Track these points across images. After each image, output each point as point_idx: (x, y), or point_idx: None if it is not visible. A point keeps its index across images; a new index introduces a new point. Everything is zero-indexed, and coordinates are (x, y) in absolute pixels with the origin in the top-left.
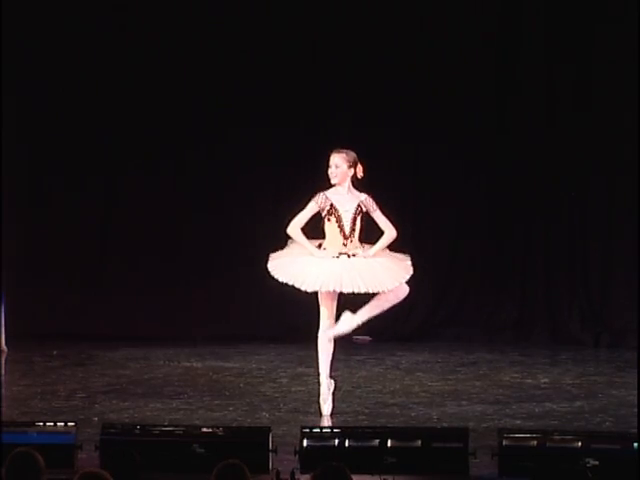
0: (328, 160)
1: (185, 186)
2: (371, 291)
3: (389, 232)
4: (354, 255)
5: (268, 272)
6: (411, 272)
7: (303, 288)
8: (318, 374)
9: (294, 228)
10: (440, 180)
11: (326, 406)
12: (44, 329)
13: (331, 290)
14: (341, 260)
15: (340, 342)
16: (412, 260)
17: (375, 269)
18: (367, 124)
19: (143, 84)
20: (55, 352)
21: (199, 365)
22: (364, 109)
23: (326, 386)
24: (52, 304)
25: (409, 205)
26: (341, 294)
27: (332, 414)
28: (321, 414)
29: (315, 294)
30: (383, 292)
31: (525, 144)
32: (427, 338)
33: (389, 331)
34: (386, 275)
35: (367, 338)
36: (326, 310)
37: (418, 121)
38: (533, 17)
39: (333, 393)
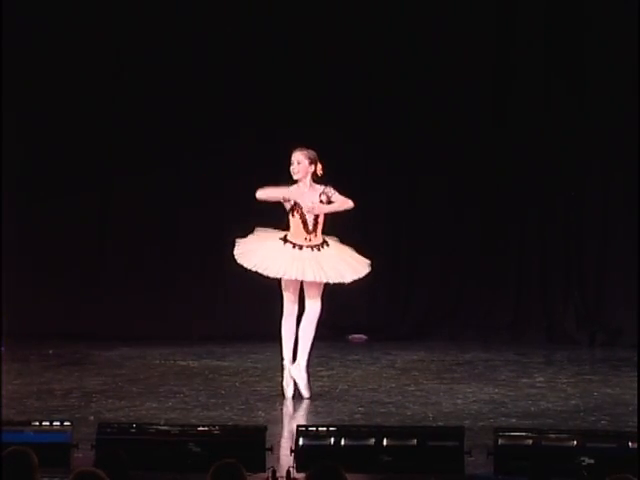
0: (289, 158)
1: (182, 186)
2: (331, 282)
3: (346, 200)
4: (317, 247)
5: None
6: (368, 270)
7: (266, 274)
8: (282, 359)
9: (260, 192)
10: (435, 181)
11: (289, 389)
12: (40, 328)
13: (293, 278)
14: (300, 252)
15: (336, 341)
16: (373, 264)
17: (336, 261)
18: (364, 124)
19: (139, 85)
20: (51, 351)
21: (195, 364)
22: (358, 109)
23: (288, 371)
24: (48, 303)
25: (404, 206)
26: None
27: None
28: (284, 396)
29: (278, 280)
30: (305, 317)
31: (521, 144)
32: (423, 337)
33: (385, 330)
34: (347, 268)
35: (363, 337)
36: (290, 296)
37: (414, 120)
38: (531, 23)
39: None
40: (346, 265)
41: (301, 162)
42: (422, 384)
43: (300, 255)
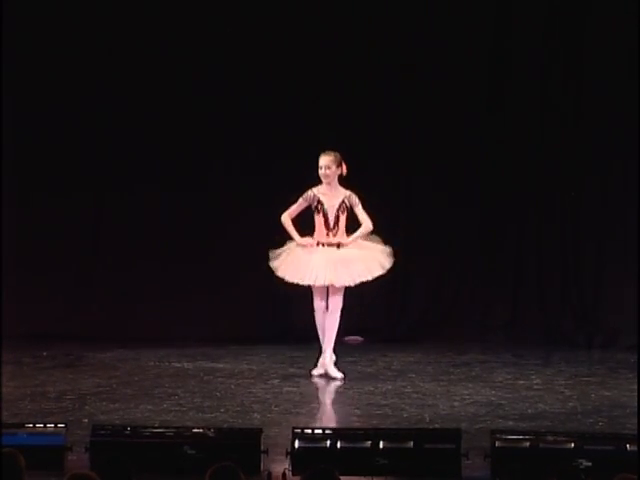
0: (317, 162)
1: (179, 187)
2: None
3: (365, 225)
4: (337, 245)
5: (271, 270)
6: (389, 263)
7: (303, 283)
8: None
9: (285, 217)
10: (432, 181)
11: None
12: (34, 330)
13: (324, 284)
14: (323, 252)
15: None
16: (393, 250)
17: (355, 262)
18: (360, 123)
19: (135, 90)
20: (45, 353)
21: (190, 366)
22: (358, 111)
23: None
24: (42, 305)
25: (401, 206)
26: None
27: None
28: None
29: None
30: (331, 312)
31: (519, 145)
32: (419, 339)
33: (381, 332)
34: (365, 266)
35: (359, 339)
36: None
37: (410, 119)
38: (527, 27)
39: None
40: (362, 265)
41: (330, 167)
42: (419, 386)
43: (322, 260)
